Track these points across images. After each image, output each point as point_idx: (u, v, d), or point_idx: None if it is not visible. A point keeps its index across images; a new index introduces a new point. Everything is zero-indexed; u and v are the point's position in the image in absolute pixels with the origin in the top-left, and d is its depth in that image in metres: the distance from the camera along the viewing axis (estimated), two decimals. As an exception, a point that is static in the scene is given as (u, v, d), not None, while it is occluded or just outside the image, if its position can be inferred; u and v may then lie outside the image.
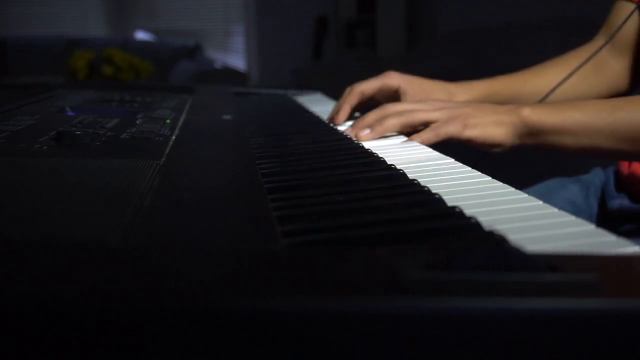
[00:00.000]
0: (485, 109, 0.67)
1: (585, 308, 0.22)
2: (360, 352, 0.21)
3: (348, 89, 0.84)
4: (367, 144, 0.63)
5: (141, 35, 4.81)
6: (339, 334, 0.21)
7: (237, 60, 4.88)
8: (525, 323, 0.21)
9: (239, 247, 0.30)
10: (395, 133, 0.70)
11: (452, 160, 0.56)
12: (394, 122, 0.67)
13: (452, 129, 0.65)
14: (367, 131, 0.68)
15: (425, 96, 0.82)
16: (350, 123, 0.78)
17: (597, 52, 0.85)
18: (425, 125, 0.67)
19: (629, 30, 0.88)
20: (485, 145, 0.66)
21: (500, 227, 0.34)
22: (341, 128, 0.74)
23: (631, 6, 0.87)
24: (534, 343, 0.21)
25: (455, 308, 0.21)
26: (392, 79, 0.83)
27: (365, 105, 0.86)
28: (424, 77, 0.85)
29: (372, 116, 0.69)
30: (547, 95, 0.85)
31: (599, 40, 0.91)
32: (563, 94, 0.86)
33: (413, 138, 0.65)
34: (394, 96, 0.83)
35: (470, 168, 0.52)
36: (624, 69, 0.90)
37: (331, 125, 0.76)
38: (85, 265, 0.24)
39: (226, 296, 0.21)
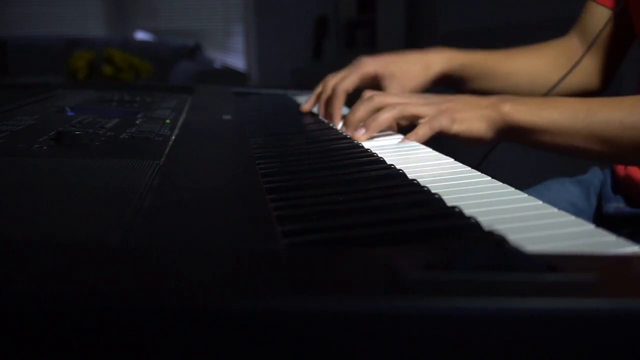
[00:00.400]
0: (469, 103, 0.68)
1: (585, 308, 0.22)
2: (360, 352, 0.21)
3: (328, 87, 0.83)
4: (365, 144, 0.63)
5: (141, 35, 4.81)
6: (339, 334, 0.21)
7: (237, 60, 4.88)
8: (525, 323, 0.21)
9: (239, 247, 0.30)
10: (389, 132, 0.71)
11: (452, 160, 0.56)
12: (387, 117, 0.68)
13: (443, 123, 0.66)
14: (362, 131, 0.68)
15: (403, 73, 0.83)
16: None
17: (582, 57, 0.87)
18: (414, 118, 0.68)
19: (597, 28, 0.89)
20: (469, 140, 0.67)
21: (500, 227, 0.34)
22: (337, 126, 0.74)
23: (605, 10, 0.88)
24: (534, 343, 0.21)
25: (455, 308, 0.21)
26: (367, 66, 0.83)
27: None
28: None
29: (362, 111, 0.69)
30: (546, 94, 0.85)
31: (573, 36, 0.93)
32: (538, 87, 0.88)
33: (409, 137, 0.66)
34: (374, 82, 0.84)
35: (470, 168, 0.52)
36: (596, 67, 0.91)
37: (331, 125, 0.76)
38: (85, 265, 0.24)
39: (226, 296, 0.21)
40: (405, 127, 0.70)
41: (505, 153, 0.70)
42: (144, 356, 0.21)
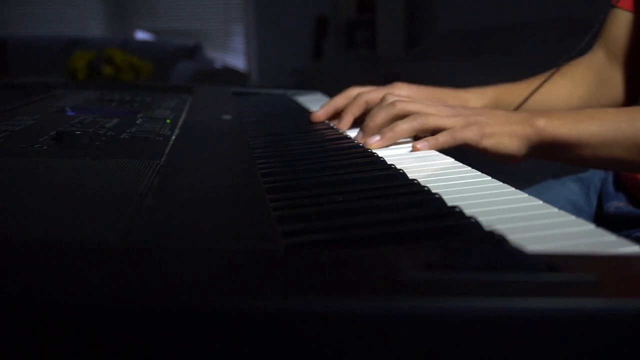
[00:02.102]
0: (499, 118, 0.63)
1: (585, 308, 0.22)
2: (360, 352, 0.21)
3: (351, 92, 0.79)
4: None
5: (141, 35, 4.82)
6: (339, 334, 0.21)
7: (237, 60, 4.88)
8: (525, 323, 0.21)
9: (239, 247, 0.30)
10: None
11: (452, 160, 0.56)
12: (405, 128, 0.62)
13: (470, 135, 0.61)
14: (376, 138, 0.63)
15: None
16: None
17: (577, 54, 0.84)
18: (438, 131, 0.62)
19: (625, 39, 0.86)
20: (499, 156, 0.63)
21: (500, 227, 0.34)
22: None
23: (626, 14, 0.86)
24: (534, 343, 0.21)
25: (455, 308, 0.21)
26: (400, 90, 0.77)
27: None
28: (424, 77, 0.84)
29: (382, 117, 0.64)
30: (524, 101, 0.84)
31: (597, 51, 0.89)
32: (570, 107, 0.84)
33: (428, 140, 0.61)
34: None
35: (470, 168, 0.52)
36: (625, 79, 0.88)
37: (331, 125, 0.76)
38: (85, 265, 0.24)
39: (226, 296, 0.21)
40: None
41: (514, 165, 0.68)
42: (143, 356, 0.21)
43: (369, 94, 0.75)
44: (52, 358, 0.20)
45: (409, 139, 0.65)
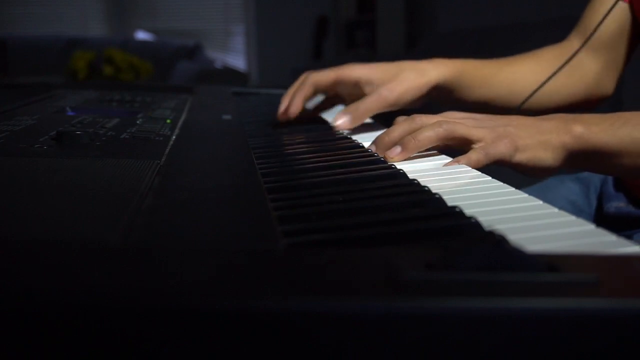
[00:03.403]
0: (530, 128, 0.57)
1: (585, 308, 0.22)
2: (360, 352, 0.21)
3: (302, 77, 0.77)
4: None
5: (141, 35, 4.82)
6: (339, 334, 0.21)
7: (237, 60, 4.88)
8: (525, 323, 0.21)
9: (239, 247, 0.30)
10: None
11: (452, 159, 0.55)
12: (429, 135, 0.56)
13: (503, 150, 0.55)
14: (398, 150, 0.56)
15: (393, 78, 0.73)
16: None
17: (578, 50, 0.81)
18: (465, 142, 0.56)
19: (606, 27, 0.84)
20: (533, 171, 0.57)
21: (500, 227, 0.34)
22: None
23: (608, 3, 0.84)
24: (534, 343, 0.21)
25: (455, 308, 0.21)
26: (352, 70, 0.73)
27: (330, 103, 0.82)
28: None
29: (400, 130, 0.58)
30: (530, 96, 0.82)
31: (572, 39, 0.87)
32: (537, 94, 0.82)
33: (459, 160, 0.54)
34: (355, 89, 0.74)
35: (469, 167, 0.52)
36: (601, 68, 0.86)
37: (331, 125, 0.75)
38: (85, 265, 0.24)
39: (226, 296, 0.21)
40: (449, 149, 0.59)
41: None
42: (143, 356, 0.21)
43: (317, 75, 0.74)
44: (52, 358, 0.20)
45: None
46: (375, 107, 0.67)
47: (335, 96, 0.81)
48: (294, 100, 0.73)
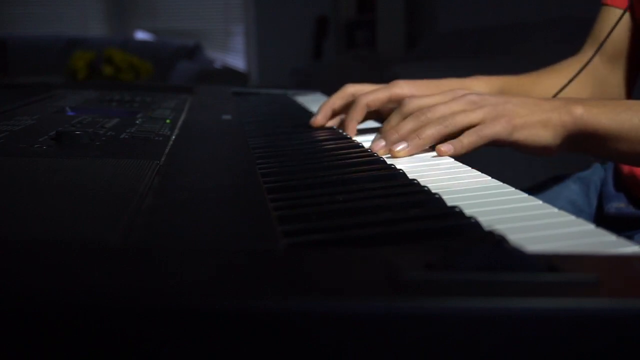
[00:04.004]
0: (531, 106, 0.58)
1: (585, 308, 0.22)
2: (360, 352, 0.21)
3: (347, 91, 0.73)
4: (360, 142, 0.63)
5: (141, 35, 4.82)
6: (339, 334, 0.21)
7: (237, 60, 4.88)
8: (525, 323, 0.21)
9: (239, 247, 0.30)
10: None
11: (452, 159, 0.56)
12: (432, 134, 0.57)
13: (498, 130, 0.56)
14: (403, 145, 0.57)
15: None
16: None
17: (590, 59, 0.81)
18: (467, 129, 0.57)
19: (617, 37, 0.84)
20: (532, 149, 0.58)
21: (500, 227, 0.34)
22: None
23: (618, 11, 0.84)
24: (534, 343, 0.21)
25: (455, 308, 0.21)
26: (402, 88, 0.71)
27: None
28: (424, 77, 0.81)
29: (409, 126, 0.59)
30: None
31: (587, 50, 0.87)
32: None
33: (452, 143, 0.56)
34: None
35: (469, 167, 0.52)
36: (618, 78, 0.87)
37: (334, 127, 0.75)
38: (85, 265, 0.24)
39: (226, 296, 0.21)
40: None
41: (504, 152, 0.66)
42: (143, 356, 0.21)
43: (369, 95, 0.70)
44: (52, 358, 0.20)
45: None
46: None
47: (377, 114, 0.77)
48: (350, 125, 0.69)
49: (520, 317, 0.21)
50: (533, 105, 0.58)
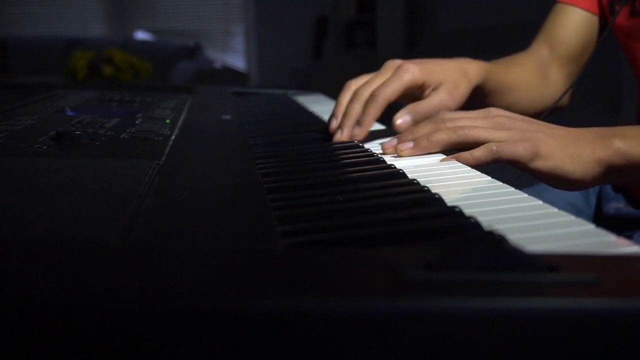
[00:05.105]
0: (563, 138, 0.55)
1: (585, 308, 0.22)
2: (360, 352, 0.21)
3: (365, 92, 0.65)
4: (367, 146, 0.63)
5: (141, 35, 4.82)
6: (339, 334, 0.21)
7: (237, 60, 4.88)
8: (525, 323, 0.21)
9: (239, 247, 0.30)
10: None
11: (452, 160, 0.55)
12: (442, 138, 0.55)
13: (520, 152, 0.52)
14: (409, 145, 0.56)
15: (449, 82, 0.69)
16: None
17: (582, 72, 0.82)
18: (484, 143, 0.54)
19: (570, 38, 0.84)
20: (554, 180, 0.55)
21: (500, 227, 0.34)
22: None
23: (576, 10, 0.84)
24: (534, 343, 0.21)
25: (455, 308, 0.21)
26: (414, 74, 0.66)
27: None
28: None
29: (427, 128, 0.57)
30: (559, 99, 0.82)
31: (539, 47, 0.87)
32: (529, 103, 0.82)
33: (460, 155, 0.54)
34: (415, 93, 0.69)
35: (469, 168, 0.52)
36: (565, 80, 0.87)
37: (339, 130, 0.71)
38: (85, 265, 0.24)
39: (226, 296, 0.21)
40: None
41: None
42: (143, 356, 0.21)
43: (386, 89, 0.64)
44: (52, 358, 0.20)
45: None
46: (435, 110, 0.64)
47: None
48: (368, 120, 0.64)
49: (520, 317, 0.21)
50: (566, 138, 0.55)
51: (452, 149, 0.57)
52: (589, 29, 0.85)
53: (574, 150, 0.54)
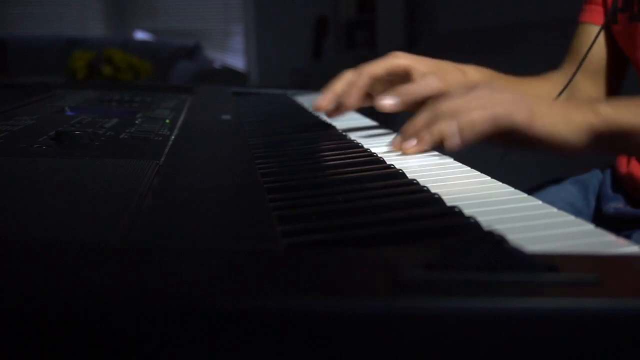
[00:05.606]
0: (553, 106, 0.57)
1: (585, 308, 0.22)
2: (360, 352, 0.21)
3: (349, 73, 0.71)
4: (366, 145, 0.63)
5: (141, 35, 4.82)
6: (339, 334, 0.21)
7: (236, 60, 4.88)
8: (525, 323, 0.21)
9: (239, 247, 0.30)
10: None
11: (452, 159, 0.56)
12: (443, 129, 0.56)
13: (517, 120, 0.54)
14: (413, 142, 0.57)
15: (439, 72, 0.71)
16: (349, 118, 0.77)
17: (574, 75, 0.81)
18: None
19: (596, 54, 0.86)
20: (553, 144, 0.56)
21: (500, 227, 0.34)
22: (341, 124, 0.73)
23: (593, 28, 0.86)
24: (534, 343, 0.21)
25: (455, 308, 0.21)
26: (400, 59, 0.70)
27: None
28: None
29: (423, 119, 0.58)
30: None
31: (568, 66, 0.89)
32: None
33: (462, 132, 0.55)
34: (403, 78, 0.71)
35: (469, 168, 0.52)
36: (597, 94, 0.87)
37: (331, 124, 0.75)
38: (85, 265, 0.24)
39: (226, 296, 0.21)
40: None
41: (503, 152, 0.66)
42: (143, 356, 0.21)
43: (371, 66, 0.69)
44: (52, 358, 0.20)
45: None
46: (423, 92, 0.65)
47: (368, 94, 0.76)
48: (352, 92, 0.68)
49: (520, 317, 0.21)
50: (556, 105, 0.57)
51: None
52: (607, 42, 0.86)
53: (567, 115, 0.56)
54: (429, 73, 0.70)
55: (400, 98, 0.63)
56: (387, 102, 0.61)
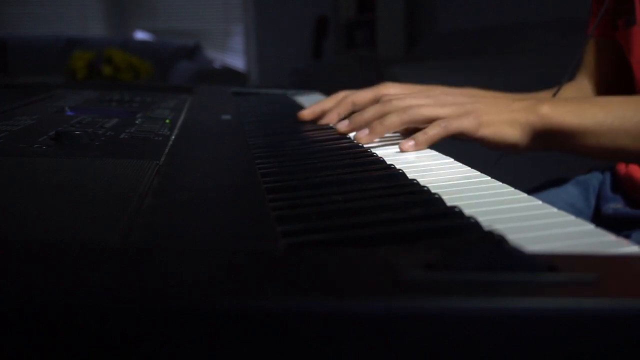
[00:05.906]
0: (499, 105, 0.61)
1: (585, 308, 0.22)
2: (360, 352, 0.21)
3: (341, 95, 0.76)
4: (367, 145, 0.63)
5: (141, 35, 4.82)
6: (339, 334, 0.21)
7: (236, 60, 4.88)
8: (525, 323, 0.21)
9: (239, 247, 0.30)
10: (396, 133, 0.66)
11: (452, 159, 0.56)
12: (393, 121, 0.61)
13: (465, 124, 0.59)
14: (365, 132, 0.62)
15: None
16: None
17: (566, 76, 0.82)
18: (432, 121, 0.60)
19: (606, 67, 0.87)
20: (499, 146, 0.61)
21: (500, 227, 0.34)
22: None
23: (606, 43, 0.87)
24: (534, 343, 0.21)
25: (455, 308, 0.21)
26: (389, 88, 0.74)
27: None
28: (423, 76, 0.82)
29: (371, 112, 0.64)
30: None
31: (581, 80, 0.90)
32: None
33: (416, 137, 0.59)
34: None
35: (469, 167, 0.52)
36: None
37: (330, 125, 0.75)
38: (85, 265, 0.24)
39: (226, 296, 0.21)
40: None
41: (503, 154, 0.67)
42: (143, 356, 0.21)
43: (357, 94, 0.74)
44: (52, 358, 0.20)
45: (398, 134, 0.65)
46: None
47: None
48: (330, 115, 0.74)
49: (520, 317, 0.21)
50: (501, 105, 0.61)
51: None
52: (619, 53, 0.87)
53: (509, 115, 0.60)
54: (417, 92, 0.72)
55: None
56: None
